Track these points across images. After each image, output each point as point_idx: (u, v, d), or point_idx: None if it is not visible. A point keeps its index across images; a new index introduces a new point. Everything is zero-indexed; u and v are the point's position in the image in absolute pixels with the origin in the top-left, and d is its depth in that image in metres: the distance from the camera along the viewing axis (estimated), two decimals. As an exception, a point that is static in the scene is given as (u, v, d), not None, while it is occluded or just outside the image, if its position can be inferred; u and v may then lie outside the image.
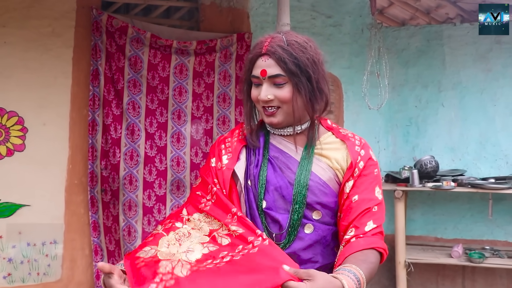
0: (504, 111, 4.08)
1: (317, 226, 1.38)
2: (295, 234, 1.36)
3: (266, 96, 1.36)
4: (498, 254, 3.79)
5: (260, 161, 1.42)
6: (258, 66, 1.37)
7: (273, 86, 1.36)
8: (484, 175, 4.01)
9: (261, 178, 1.40)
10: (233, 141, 1.49)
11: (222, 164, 1.43)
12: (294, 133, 1.43)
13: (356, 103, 4.09)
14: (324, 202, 1.38)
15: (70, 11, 3.17)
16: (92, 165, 3.21)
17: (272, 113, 1.39)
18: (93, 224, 3.23)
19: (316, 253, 1.38)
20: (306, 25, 3.94)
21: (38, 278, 3.12)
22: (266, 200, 1.38)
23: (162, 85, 3.34)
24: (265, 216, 1.37)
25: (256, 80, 1.39)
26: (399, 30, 4.35)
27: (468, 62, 4.15)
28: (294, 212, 1.36)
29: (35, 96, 3.09)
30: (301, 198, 1.36)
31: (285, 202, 1.38)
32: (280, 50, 1.35)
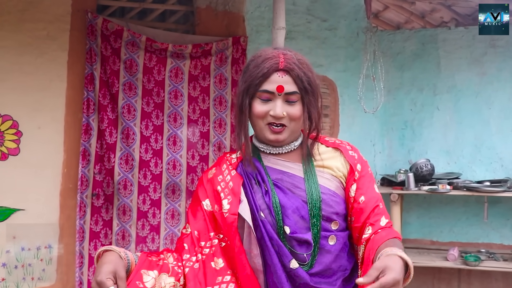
0: (499, 114, 4.10)
1: (338, 235, 1.38)
2: (318, 248, 1.35)
3: (282, 113, 1.34)
4: (494, 257, 3.79)
5: (269, 188, 1.38)
6: (273, 81, 1.35)
7: (285, 103, 1.36)
8: (479, 178, 4.02)
9: (275, 205, 1.35)
10: (227, 180, 1.42)
11: (223, 210, 1.37)
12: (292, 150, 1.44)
13: (352, 106, 4.10)
14: (339, 211, 1.39)
15: (65, 14, 3.16)
16: (83, 169, 3.17)
17: (280, 130, 1.37)
18: (79, 230, 3.17)
19: (343, 261, 1.39)
20: (302, 28, 3.95)
21: (32, 283, 3.10)
22: (288, 225, 1.34)
23: (157, 88, 3.34)
24: (289, 240, 1.34)
25: (267, 95, 1.36)
26: (394, 33, 4.36)
27: (463, 66, 4.17)
28: (313, 226, 1.35)
29: (30, 99, 3.08)
30: (316, 210, 1.35)
31: (305, 221, 1.36)
32: (297, 68, 1.35)
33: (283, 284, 1.31)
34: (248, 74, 1.38)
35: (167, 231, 3.34)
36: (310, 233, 1.35)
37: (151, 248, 3.30)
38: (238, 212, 1.35)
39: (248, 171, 1.41)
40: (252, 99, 1.38)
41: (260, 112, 1.36)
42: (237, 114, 1.42)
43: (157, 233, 3.31)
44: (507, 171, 4.04)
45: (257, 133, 1.42)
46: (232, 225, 1.34)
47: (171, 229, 3.34)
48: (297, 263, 1.32)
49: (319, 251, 1.35)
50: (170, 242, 3.32)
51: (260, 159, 1.44)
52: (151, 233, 3.31)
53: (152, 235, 3.31)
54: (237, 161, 1.46)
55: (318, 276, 1.34)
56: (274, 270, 1.32)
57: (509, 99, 4.09)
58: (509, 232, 4.06)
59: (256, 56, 1.40)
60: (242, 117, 1.40)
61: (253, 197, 1.36)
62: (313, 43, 3.99)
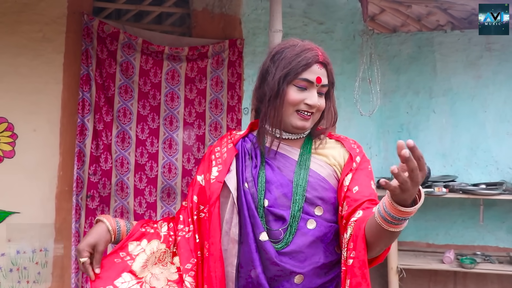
0: (495, 117, 4.11)
1: (319, 222, 1.39)
2: (296, 228, 1.37)
3: (318, 102, 1.43)
4: (489, 260, 3.80)
5: (259, 163, 1.44)
6: (313, 72, 1.42)
7: (317, 95, 1.44)
8: (475, 181, 4.03)
9: (261, 178, 1.42)
10: (223, 151, 1.50)
11: (211, 176, 1.45)
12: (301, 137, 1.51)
13: (348, 109, 4.10)
14: (325, 197, 1.41)
15: (61, 16, 3.15)
16: (78, 171, 3.14)
17: (309, 118, 1.44)
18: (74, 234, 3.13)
19: (319, 251, 1.39)
20: (298, 31, 3.95)
21: (28, 286, 3.08)
22: (268, 198, 1.40)
23: (154, 91, 3.33)
24: (266, 214, 1.39)
25: (304, 83, 1.41)
26: (390, 36, 4.37)
27: (458, 69, 4.18)
28: (295, 204, 1.38)
29: (25, 102, 3.07)
30: (301, 190, 1.39)
31: (287, 199, 1.40)
32: (330, 64, 1.47)
33: (252, 254, 1.35)
34: (287, 61, 1.42)
35: None
36: (288, 211, 1.38)
37: None
38: (224, 180, 1.42)
39: (246, 147, 1.50)
40: (288, 85, 1.41)
41: (296, 99, 1.41)
42: (271, 99, 1.42)
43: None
44: (503, 174, 4.05)
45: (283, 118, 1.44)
46: (215, 191, 1.41)
47: (167, 232, 3.33)
48: (267, 237, 1.36)
49: (296, 232, 1.37)
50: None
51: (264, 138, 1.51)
52: None
53: None
54: (240, 137, 1.53)
55: (288, 256, 1.36)
56: (246, 240, 1.37)
57: (505, 102, 4.10)
58: (504, 235, 4.07)
59: (290, 45, 1.46)
60: (277, 102, 1.42)
61: (243, 170, 1.44)
62: (309, 45, 3.98)
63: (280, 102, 1.41)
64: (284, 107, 1.42)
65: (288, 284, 1.35)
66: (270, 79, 1.42)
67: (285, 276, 1.35)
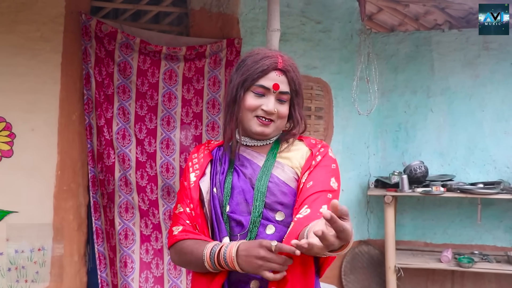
0: (492, 116, 4.12)
1: (278, 227, 1.39)
2: (256, 233, 1.37)
3: (274, 109, 1.43)
4: (487, 259, 3.81)
5: (226, 169, 1.47)
6: (270, 79, 1.43)
7: (276, 101, 1.44)
8: (472, 180, 4.04)
9: (227, 184, 1.44)
10: (200, 157, 1.54)
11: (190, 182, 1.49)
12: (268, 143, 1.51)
13: (346, 108, 4.11)
14: (285, 201, 1.41)
15: (58, 16, 3.15)
16: (92, 169, 3.16)
17: (268, 123, 1.44)
18: (96, 231, 3.15)
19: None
20: (296, 30, 3.95)
21: (26, 286, 3.08)
22: (230, 204, 1.42)
23: (151, 91, 3.33)
24: (229, 220, 1.41)
25: (262, 90, 1.43)
26: (388, 36, 4.38)
27: (456, 68, 4.19)
28: (254, 209, 1.39)
29: (23, 101, 3.06)
30: (260, 196, 1.39)
31: (248, 205, 1.41)
32: (292, 71, 1.46)
33: None
34: (246, 68, 1.45)
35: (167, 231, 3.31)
36: (248, 217, 1.39)
37: (156, 247, 3.28)
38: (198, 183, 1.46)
39: (219, 154, 1.53)
40: (246, 92, 1.45)
41: (252, 105, 1.43)
42: (229, 105, 1.48)
43: (159, 232, 3.30)
44: (500, 173, 4.06)
45: (243, 125, 1.47)
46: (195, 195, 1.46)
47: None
48: (229, 241, 1.37)
49: (255, 238, 1.37)
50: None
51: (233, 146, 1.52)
52: (154, 231, 3.29)
53: (155, 234, 3.29)
54: (215, 145, 1.58)
55: None
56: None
57: (502, 101, 4.11)
58: (502, 234, 4.08)
59: (253, 53, 1.48)
60: (235, 108, 1.46)
61: (213, 175, 1.47)
62: (307, 45, 4.00)
63: (237, 108, 1.45)
64: (242, 113, 1.45)
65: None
66: (231, 86, 1.48)
67: (244, 282, 1.36)
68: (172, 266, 3.31)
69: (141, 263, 3.24)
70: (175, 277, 3.32)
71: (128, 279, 3.17)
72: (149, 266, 3.26)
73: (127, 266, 3.18)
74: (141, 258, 3.24)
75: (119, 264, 3.18)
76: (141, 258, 3.24)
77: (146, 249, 3.25)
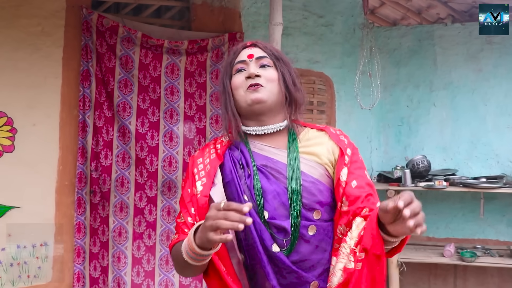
0: (495, 110, 4.11)
1: (319, 225, 1.36)
2: (297, 236, 1.33)
3: (256, 71, 1.41)
4: (490, 253, 3.81)
5: (252, 172, 1.38)
6: (244, 53, 1.46)
7: (260, 68, 1.43)
8: (475, 174, 4.03)
9: (257, 189, 1.35)
10: (206, 163, 1.44)
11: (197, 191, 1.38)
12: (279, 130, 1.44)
13: (348, 103, 4.10)
14: (322, 200, 1.37)
15: (59, 10, 3.14)
16: (81, 166, 3.18)
17: (257, 87, 1.39)
18: (77, 225, 3.18)
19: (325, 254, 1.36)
20: (298, 24, 3.94)
21: (28, 281, 3.09)
22: (267, 210, 1.34)
23: (153, 84, 3.32)
24: (269, 227, 1.34)
25: (240, 65, 1.44)
26: (390, 30, 4.36)
27: (459, 62, 4.17)
28: (293, 211, 1.33)
29: (24, 96, 3.06)
30: (297, 196, 1.34)
31: (286, 208, 1.35)
32: (264, 43, 1.50)
33: (265, 267, 1.31)
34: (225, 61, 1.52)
35: (163, 228, 3.33)
36: (288, 221, 1.33)
37: (148, 245, 3.31)
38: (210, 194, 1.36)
39: (234, 156, 1.43)
40: (231, 79, 1.46)
41: (237, 81, 1.43)
42: (221, 98, 1.48)
43: (153, 230, 3.32)
44: (503, 168, 4.05)
45: (241, 108, 1.43)
46: (203, 206, 1.35)
47: (167, 226, 3.34)
48: (278, 248, 1.32)
49: (298, 240, 1.33)
50: (166, 239, 3.33)
51: (247, 144, 1.44)
52: (147, 229, 3.31)
53: (148, 232, 3.31)
54: (227, 145, 1.47)
55: (296, 265, 1.33)
56: (254, 254, 1.32)
57: (505, 96, 4.10)
58: (504, 228, 4.07)
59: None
60: (226, 95, 1.46)
61: (238, 181, 1.37)
62: (309, 39, 3.98)
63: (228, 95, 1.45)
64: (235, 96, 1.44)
65: None
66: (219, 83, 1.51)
67: (301, 284, 1.32)
68: (164, 261, 3.35)
69: (133, 259, 3.29)
70: (167, 271, 3.34)
71: (121, 273, 3.24)
72: (140, 261, 3.31)
73: (120, 261, 3.23)
74: (133, 254, 3.29)
75: (112, 259, 3.22)
76: (133, 254, 3.29)
77: (138, 246, 3.30)
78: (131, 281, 3.28)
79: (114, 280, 3.23)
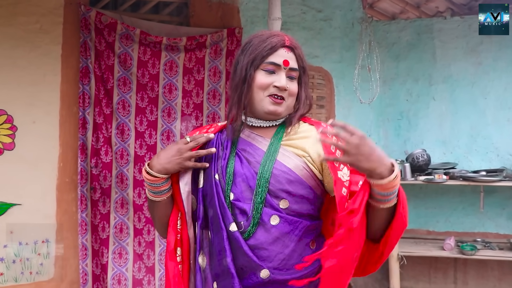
0: (495, 104, 4.10)
1: (283, 217, 1.36)
2: (258, 220, 1.35)
3: (286, 85, 1.40)
4: (490, 246, 3.81)
5: (228, 155, 1.44)
6: (280, 55, 1.42)
7: (287, 79, 1.43)
8: (475, 168, 4.02)
9: (229, 170, 1.41)
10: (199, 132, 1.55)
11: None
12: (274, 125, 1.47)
13: (347, 97, 4.09)
14: (290, 190, 1.37)
15: (57, 7, 3.14)
16: (82, 163, 3.19)
17: (281, 102, 1.41)
18: (80, 223, 3.20)
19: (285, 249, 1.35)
20: (297, 19, 3.93)
21: (30, 277, 3.10)
22: (234, 192, 1.40)
23: (152, 82, 3.32)
24: (233, 208, 1.39)
25: (272, 67, 1.41)
26: (389, 24, 4.34)
27: (458, 56, 4.16)
28: (256, 196, 1.36)
29: (23, 94, 3.06)
30: (264, 182, 1.36)
31: (252, 192, 1.38)
32: (299, 49, 1.46)
33: (224, 242, 1.36)
34: (253, 47, 1.43)
35: None
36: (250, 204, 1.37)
37: (148, 240, 3.33)
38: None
39: (221, 139, 1.50)
40: (256, 71, 1.42)
41: (264, 83, 1.41)
42: (238, 85, 1.44)
43: (152, 225, 3.34)
44: (503, 161, 4.05)
45: (254, 105, 1.44)
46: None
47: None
48: (236, 228, 1.36)
49: (258, 226, 1.36)
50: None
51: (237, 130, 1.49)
52: (146, 225, 3.33)
53: (147, 227, 3.33)
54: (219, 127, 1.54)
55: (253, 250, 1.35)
56: (217, 230, 1.38)
57: (505, 89, 4.09)
58: (504, 222, 4.08)
59: (258, 34, 1.48)
60: (244, 88, 1.43)
61: (215, 161, 1.45)
62: (308, 34, 3.97)
63: (247, 87, 1.42)
64: (253, 93, 1.42)
65: (255, 277, 1.34)
66: (239, 68, 1.45)
67: (252, 268, 1.34)
68: (163, 256, 3.36)
69: (134, 255, 3.33)
70: None
71: (123, 269, 3.28)
72: (141, 257, 3.34)
73: (121, 257, 3.27)
74: (134, 250, 3.32)
75: (112, 255, 3.25)
76: (134, 250, 3.32)
77: (138, 242, 3.33)
78: (132, 276, 3.30)
79: (113, 277, 3.25)
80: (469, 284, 4.12)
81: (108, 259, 3.25)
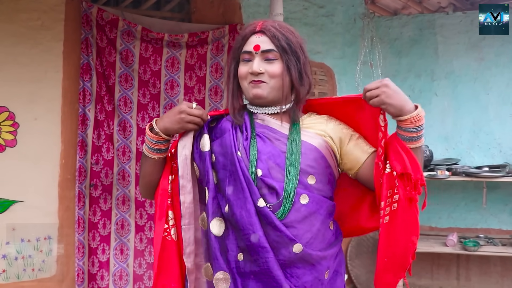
0: (497, 99, 4.09)
1: (312, 196, 1.41)
2: (291, 204, 1.38)
3: (259, 68, 1.42)
4: (492, 242, 3.81)
5: (249, 135, 1.45)
6: (251, 42, 1.45)
7: (264, 62, 1.43)
8: (477, 163, 4.02)
9: (252, 148, 1.43)
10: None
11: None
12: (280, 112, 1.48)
13: (350, 93, 4.02)
14: (316, 165, 1.43)
15: (59, 3, 3.13)
16: (81, 160, 3.16)
17: (258, 83, 1.43)
18: (78, 220, 3.17)
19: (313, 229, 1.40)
20: (298, 15, 3.92)
21: (33, 274, 3.11)
22: (261, 168, 1.41)
23: (153, 79, 3.32)
24: (259, 184, 1.39)
25: (247, 55, 1.45)
26: (391, 19, 4.33)
27: (461, 51, 4.15)
28: (289, 180, 1.39)
29: (25, 91, 3.06)
30: (294, 160, 1.40)
31: (280, 170, 1.41)
32: (273, 29, 1.44)
33: (252, 217, 1.36)
34: (235, 43, 1.53)
35: None
36: (281, 184, 1.39)
37: (149, 237, 3.34)
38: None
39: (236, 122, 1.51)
40: (237, 64, 1.49)
41: (242, 72, 1.46)
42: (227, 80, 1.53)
43: (154, 222, 3.33)
44: (506, 157, 4.04)
45: (245, 94, 1.50)
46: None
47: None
48: (264, 203, 1.37)
49: (292, 206, 1.38)
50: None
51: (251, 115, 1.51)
52: (148, 221, 3.33)
53: (149, 224, 3.33)
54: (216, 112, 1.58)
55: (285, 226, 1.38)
56: (243, 204, 1.37)
57: (508, 85, 4.08)
58: (507, 217, 4.07)
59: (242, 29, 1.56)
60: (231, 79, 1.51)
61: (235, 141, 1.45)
62: (310, 30, 3.96)
63: (233, 79, 1.50)
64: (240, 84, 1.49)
65: (287, 252, 1.36)
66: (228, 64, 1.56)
67: (284, 244, 1.36)
68: None
69: (135, 251, 3.33)
70: None
71: (124, 264, 3.30)
72: (143, 253, 3.35)
73: (123, 253, 3.28)
74: (135, 246, 3.33)
75: (114, 252, 3.26)
76: (135, 246, 3.33)
77: (140, 238, 3.34)
78: (133, 272, 3.31)
79: (115, 273, 3.26)
80: (471, 280, 4.12)
81: (109, 255, 3.25)
